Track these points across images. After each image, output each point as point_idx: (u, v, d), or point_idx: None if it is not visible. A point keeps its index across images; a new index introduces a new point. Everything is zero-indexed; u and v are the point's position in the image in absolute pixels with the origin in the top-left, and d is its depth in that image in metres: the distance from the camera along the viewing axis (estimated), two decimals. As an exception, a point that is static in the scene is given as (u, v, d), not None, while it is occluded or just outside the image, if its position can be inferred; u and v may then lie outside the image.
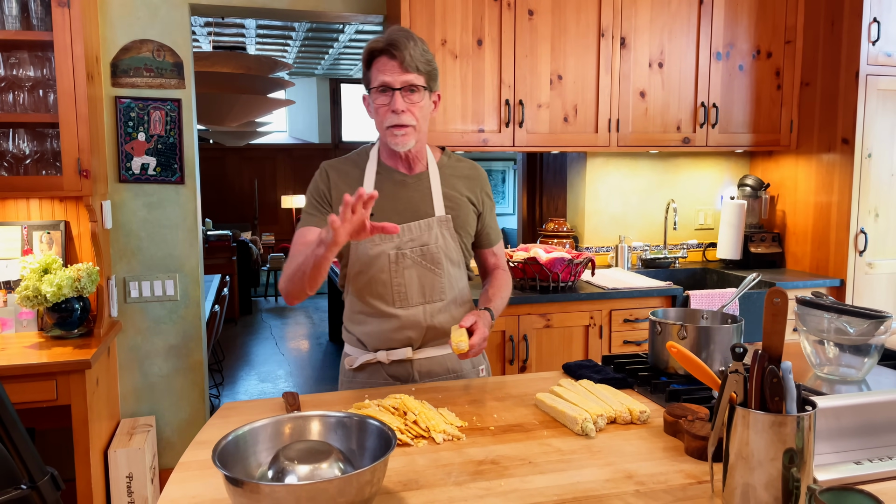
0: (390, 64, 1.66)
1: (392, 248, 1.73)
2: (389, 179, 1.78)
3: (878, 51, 3.25)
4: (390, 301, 1.75)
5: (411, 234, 1.74)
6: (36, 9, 2.68)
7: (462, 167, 1.87)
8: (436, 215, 1.77)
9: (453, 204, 1.80)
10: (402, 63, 1.65)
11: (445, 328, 1.78)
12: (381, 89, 1.67)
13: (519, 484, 1.19)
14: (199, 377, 3.35)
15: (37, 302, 2.60)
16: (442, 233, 1.76)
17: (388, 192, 1.75)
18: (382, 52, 1.67)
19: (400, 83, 1.65)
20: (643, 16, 3.36)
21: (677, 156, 3.87)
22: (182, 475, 1.24)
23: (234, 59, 6.16)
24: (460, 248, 1.82)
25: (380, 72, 1.67)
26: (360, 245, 1.73)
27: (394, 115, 1.67)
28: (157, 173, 3.17)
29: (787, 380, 1.04)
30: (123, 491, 2.83)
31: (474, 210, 1.85)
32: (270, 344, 6.68)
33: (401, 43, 1.65)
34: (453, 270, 1.80)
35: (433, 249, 1.75)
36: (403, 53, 1.64)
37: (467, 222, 1.82)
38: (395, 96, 1.66)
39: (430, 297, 1.76)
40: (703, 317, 1.81)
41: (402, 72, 1.65)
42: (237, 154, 11.63)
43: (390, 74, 1.66)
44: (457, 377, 1.84)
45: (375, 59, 1.68)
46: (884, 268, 3.43)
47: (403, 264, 1.73)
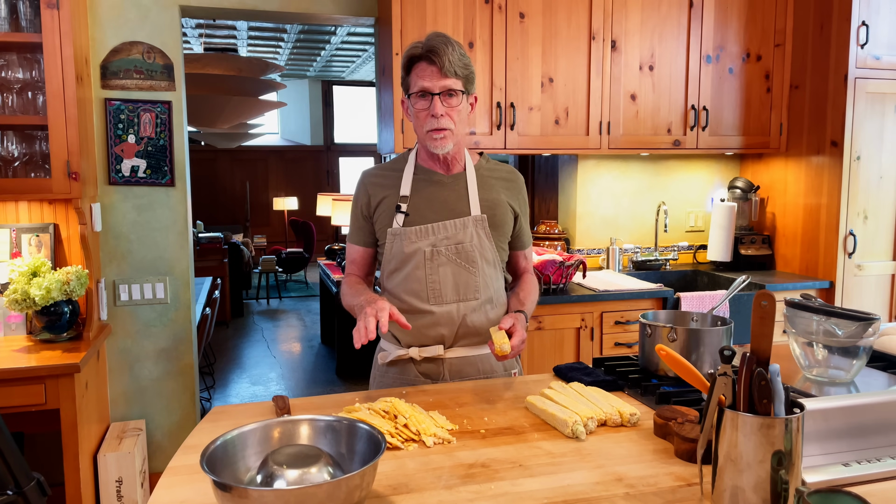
0: (430, 69, 1.70)
1: (427, 245, 1.77)
2: (427, 180, 1.83)
3: (867, 54, 3.27)
4: (425, 298, 1.78)
5: (446, 231, 1.78)
6: (25, 10, 2.66)
7: (500, 170, 1.91)
8: (471, 214, 1.80)
9: (490, 204, 1.83)
10: (441, 69, 1.69)
11: (478, 327, 1.81)
12: (421, 94, 1.72)
13: (509, 487, 1.19)
14: (190, 380, 3.33)
15: (25, 305, 2.58)
16: (477, 232, 1.80)
17: (424, 192, 1.81)
18: (422, 57, 1.71)
19: (439, 88, 1.70)
20: (633, 19, 3.37)
21: (668, 158, 3.89)
22: (171, 480, 1.23)
23: (226, 60, 6.15)
24: (496, 248, 1.84)
25: (419, 77, 1.71)
26: (396, 242, 1.79)
27: (433, 120, 1.71)
28: (147, 175, 3.16)
29: (776, 382, 1.04)
30: (113, 495, 2.81)
31: (511, 212, 1.88)
32: (262, 347, 6.66)
33: (440, 49, 1.68)
34: (489, 270, 1.82)
35: (468, 248, 1.78)
36: (443, 59, 1.68)
37: (504, 223, 1.86)
38: (435, 101, 1.70)
39: (465, 296, 1.79)
40: (693, 319, 1.82)
41: (441, 77, 1.70)
42: (229, 156, 11.61)
43: (430, 80, 1.70)
44: (486, 377, 1.85)
45: (415, 65, 1.73)
46: (872, 269, 3.45)
47: (438, 261, 1.77)
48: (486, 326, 1.82)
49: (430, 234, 1.77)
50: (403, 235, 1.78)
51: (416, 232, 1.77)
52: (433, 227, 1.77)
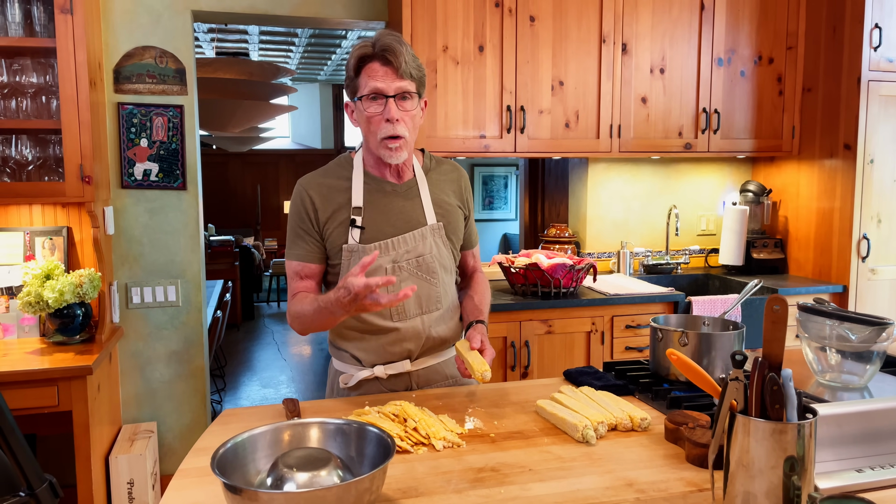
0: (383, 70, 1.59)
1: (388, 261, 1.67)
2: (379, 190, 1.71)
3: (880, 57, 3.25)
4: (388, 315, 1.69)
5: (406, 245, 1.69)
6: (39, 15, 2.69)
7: (445, 169, 1.83)
8: (428, 224, 1.72)
9: (443, 210, 1.76)
10: (397, 70, 1.58)
11: (444, 337, 1.76)
12: (373, 97, 1.60)
13: (519, 491, 1.19)
14: (201, 383, 3.35)
15: (39, 308, 2.61)
16: (435, 241, 1.73)
17: (378, 203, 1.70)
18: (374, 57, 1.59)
19: (394, 90, 1.59)
20: (644, 22, 3.36)
21: (679, 161, 3.87)
22: (181, 482, 1.24)
23: (237, 64, 6.18)
24: (451, 254, 1.78)
25: (371, 78, 1.59)
26: (354, 259, 1.66)
27: (388, 125, 1.60)
28: (159, 179, 3.18)
29: (788, 387, 1.03)
30: (125, 497, 2.83)
31: (462, 214, 1.83)
32: (273, 349, 6.68)
33: (395, 48, 1.58)
34: (446, 278, 1.77)
35: (428, 259, 1.70)
36: (399, 59, 1.58)
37: (458, 227, 1.80)
38: (390, 104, 1.59)
39: (428, 308, 1.72)
40: (705, 323, 1.81)
41: (395, 78, 1.59)
42: (240, 159, 11.66)
43: (383, 81, 1.59)
44: (455, 383, 1.82)
45: (366, 65, 1.61)
46: (886, 274, 3.42)
47: (400, 276, 1.67)
48: (449, 335, 1.78)
49: (391, 249, 1.67)
50: (362, 252, 1.65)
51: (375, 248, 1.66)
52: (393, 242, 1.67)
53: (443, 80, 3.13)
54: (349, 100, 1.69)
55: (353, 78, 1.64)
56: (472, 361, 1.54)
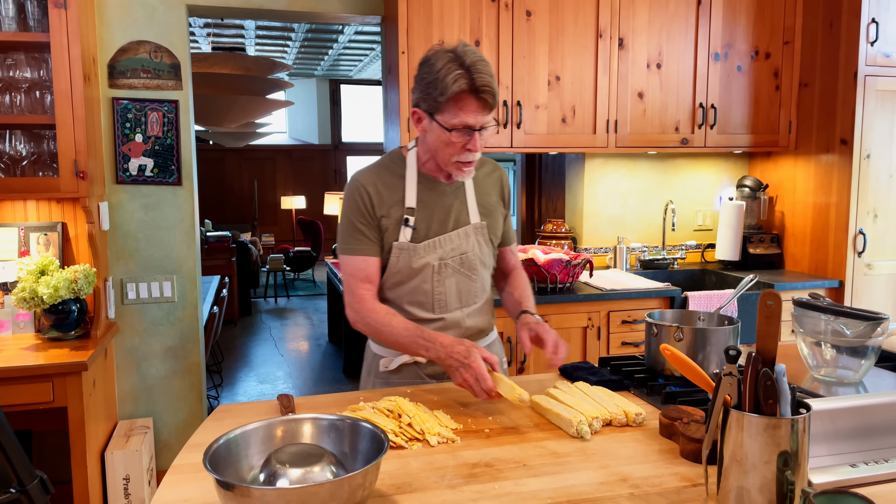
0: (476, 106, 1.60)
1: (436, 258, 1.75)
2: (431, 190, 1.77)
3: (877, 51, 3.25)
4: (430, 308, 1.78)
5: (452, 243, 1.77)
6: (32, 10, 2.67)
7: (487, 169, 1.89)
8: (471, 223, 1.79)
9: (486, 210, 1.83)
10: (491, 106, 1.62)
11: (479, 328, 1.85)
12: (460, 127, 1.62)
13: (513, 487, 1.18)
14: (197, 379, 3.34)
15: (33, 304, 2.60)
16: (478, 240, 1.80)
17: (429, 202, 1.76)
18: (471, 92, 1.58)
19: (481, 125, 1.63)
20: (641, 16, 3.35)
21: (676, 157, 3.87)
22: (175, 478, 1.24)
23: (233, 60, 6.16)
24: (491, 252, 1.86)
25: (464, 112, 1.60)
26: (403, 257, 1.73)
27: (468, 154, 1.65)
28: (154, 175, 3.17)
29: (781, 382, 1.03)
30: (120, 493, 2.83)
31: (502, 213, 1.89)
32: (270, 345, 6.67)
33: (492, 86, 1.59)
34: (485, 274, 1.85)
35: (471, 257, 1.79)
36: (495, 99, 1.61)
37: (498, 226, 1.88)
38: (475, 137, 1.63)
39: (466, 302, 1.81)
40: (700, 318, 1.81)
41: (485, 114, 1.62)
42: (237, 155, 11.64)
43: (475, 117, 1.61)
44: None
45: (461, 97, 1.58)
46: (883, 269, 3.42)
47: (445, 273, 1.76)
48: (484, 325, 1.87)
49: (438, 247, 1.75)
50: (412, 251, 1.73)
51: (424, 247, 1.73)
52: (440, 241, 1.75)
53: (439, 74, 3.11)
54: (424, 113, 1.66)
55: (439, 100, 1.60)
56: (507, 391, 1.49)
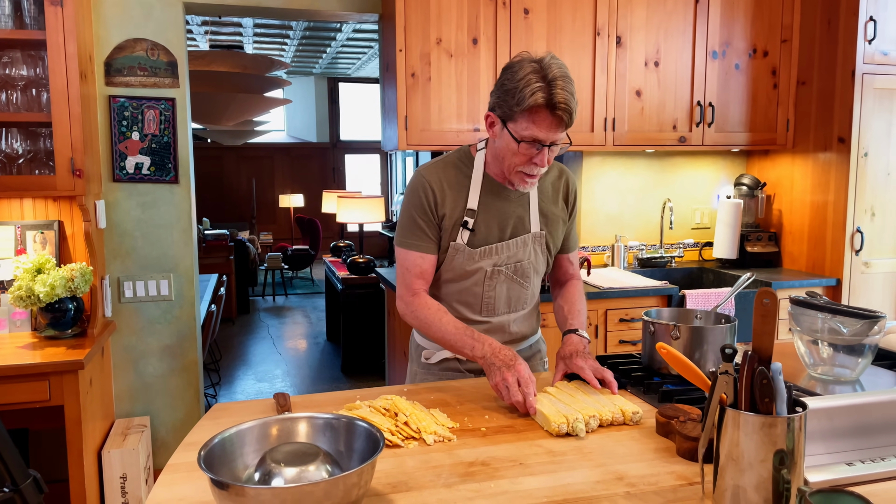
0: (550, 122, 1.55)
1: (489, 264, 1.75)
2: (494, 194, 1.75)
3: (875, 49, 3.25)
4: (477, 310, 1.79)
5: (508, 251, 1.76)
6: (29, 7, 2.66)
7: (552, 176, 1.85)
8: (531, 231, 1.78)
9: (547, 219, 1.81)
10: (567, 125, 1.57)
11: (523, 333, 1.86)
12: (530, 140, 1.58)
13: (509, 486, 1.18)
14: (194, 377, 3.34)
15: (30, 302, 2.59)
16: (535, 248, 1.79)
17: (491, 206, 1.75)
18: (548, 107, 1.53)
19: (551, 141, 1.59)
20: (639, 14, 3.35)
21: (673, 155, 3.87)
22: (170, 477, 1.23)
23: (231, 57, 6.15)
24: (546, 260, 1.85)
25: (535, 125, 1.55)
26: (458, 258, 1.73)
27: (534, 167, 1.62)
28: (151, 173, 3.16)
29: (777, 381, 1.03)
30: (117, 491, 2.82)
31: (564, 221, 1.86)
32: (268, 343, 6.67)
33: (571, 106, 1.53)
34: (536, 280, 1.85)
35: (525, 265, 1.79)
36: (571, 119, 1.55)
37: (558, 236, 1.85)
38: (544, 152, 1.59)
39: (515, 308, 1.82)
40: (697, 317, 1.81)
41: (558, 131, 1.57)
42: (235, 153, 11.63)
43: (546, 132, 1.56)
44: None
45: (536, 111, 1.54)
46: (880, 267, 3.42)
47: (497, 279, 1.77)
48: (528, 331, 1.88)
49: (494, 254, 1.74)
50: (467, 254, 1.73)
51: (480, 253, 1.73)
52: (497, 248, 1.74)
53: (436, 73, 3.11)
54: (497, 118, 1.63)
55: (514, 109, 1.56)
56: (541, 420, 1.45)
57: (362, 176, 12.32)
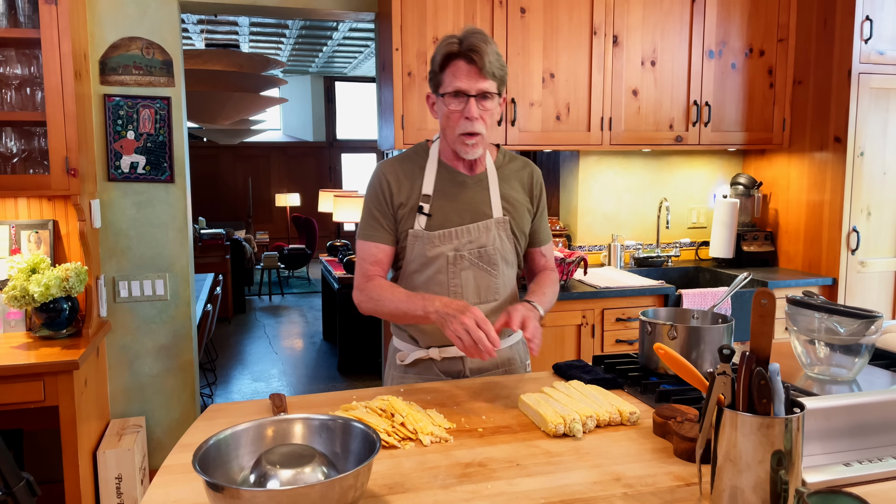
0: (467, 69, 1.62)
1: (451, 249, 1.73)
2: (450, 180, 1.77)
3: (871, 49, 3.25)
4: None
5: (469, 235, 1.75)
6: (23, 6, 2.65)
7: (516, 165, 1.86)
8: (493, 217, 1.77)
9: (510, 205, 1.80)
10: (481, 69, 1.61)
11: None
12: (455, 94, 1.64)
13: (506, 487, 1.18)
14: (190, 377, 3.33)
15: (24, 302, 2.58)
16: (499, 234, 1.78)
17: (448, 193, 1.76)
18: (459, 55, 1.62)
19: (476, 90, 1.63)
20: (635, 14, 3.34)
21: (670, 154, 3.87)
22: (165, 478, 1.22)
23: (227, 56, 6.14)
24: (515, 248, 1.83)
25: (455, 77, 1.63)
26: (418, 245, 1.74)
27: (467, 122, 1.65)
28: (146, 172, 3.15)
29: (775, 381, 1.03)
30: (113, 492, 2.81)
31: (529, 210, 1.85)
32: (264, 343, 6.66)
33: (480, 48, 1.60)
34: (507, 271, 1.82)
35: (490, 251, 1.76)
36: (484, 59, 1.60)
37: (522, 223, 1.83)
38: (471, 103, 1.63)
39: (486, 298, 1.78)
40: (694, 316, 1.80)
41: (479, 78, 1.62)
42: (231, 152, 11.60)
43: (467, 81, 1.62)
44: (506, 372, 1.86)
45: (451, 62, 1.64)
46: (876, 266, 3.43)
47: (461, 265, 1.74)
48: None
49: (454, 238, 1.73)
50: (426, 239, 1.73)
51: (439, 236, 1.73)
52: (456, 232, 1.74)
53: (433, 72, 3.10)
54: (431, 92, 1.73)
55: (437, 73, 1.68)
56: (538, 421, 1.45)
57: (359, 175, 12.30)
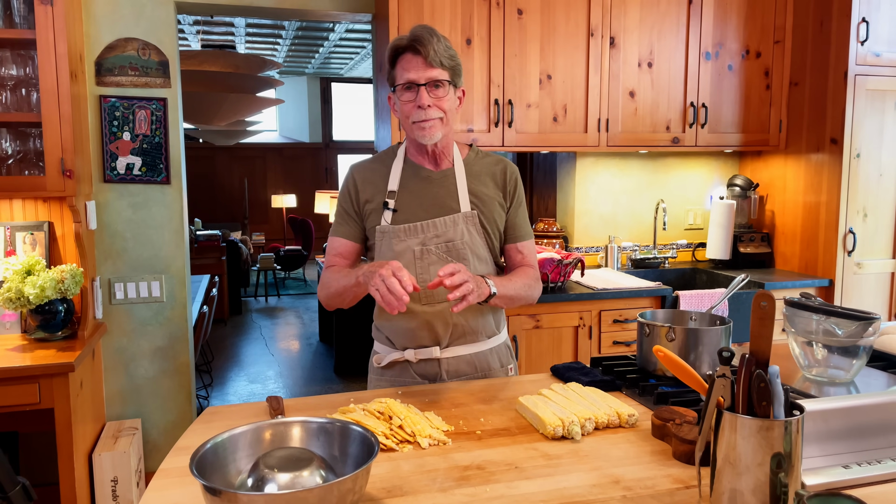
0: (415, 60, 1.67)
1: (417, 243, 1.74)
2: (415, 175, 1.79)
3: (867, 51, 3.26)
4: (417, 298, 1.73)
5: (436, 229, 1.74)
6: (18, 6, 2.64)
7: (488, 162, 1.85)
8: (461, 211, 1.76)
9: (479, 200, 1.79)
10: (426, 59, 1.66)
11: (473, 326, 1.79)
12: (407, 86, 1.69)
13: (505, 490, 1.17)
14: (186, 379, 3.32)
15: (20, 304, 2.57)
16: (468, 228, 1.76)
17: (413, 188, 1.77)
18: (407, 48, 1.68)
19: (425, 79, 1.67)
20: (632, 15, 3.35)
21: (667, 156, 3.87)
22: (162, 482, 1.22)
23: (223, 57, 6.13)
24: (486, 244, 1.81)
25: (404, 69, 1.69)
26: (385, 241, 1.75)
27: (420, 111, 1.68)
28: (142, 173, 3.14)
29: (775, 384, 1.03)
30: (108, 495, 2.80)
31: (502, 205, 1.83)
32: (260, 344, 6.64)
33: (424, 38, 1.66)
34: (481, 267, 1.79)
35: (458, 245, 1.75)
36: (428, 49, 1.65)
37: (493, 218, 1.81)
38: (421, 91, 1.67)
39: None
40: (692, 318, 1.80)
41: (426, 67, 1.67)
42: (227, 153, 11.58)
43: (415, 71, 1.67)
44: (484, 375, 1.84)
45: (400, 57, 1.70)
46: (872, 268, 3.43)
47: (429, 260, 1.74)
48: (479, 326, 1.80)
49: (420, 232, 1.74)
50: (392, 234, 1.74)
51: (404, 230, 1.73)
52: (422, 226, 1.74)
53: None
54: (391, 92, 1.76)
55: (390, 70, 1.74)
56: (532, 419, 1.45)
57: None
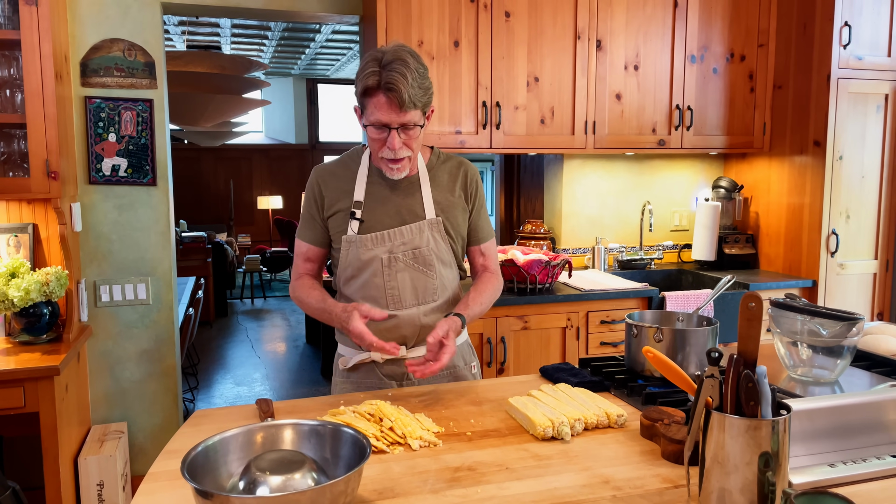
0: (387, 104, 1.59)
1: (384, 251, 1.74)
2: (381, 184, 1.77)
3: (850, 54, 3.30)
4: (384, 304, 1.75)
5: (402, 237, 1.75)
6: (3, 7, 2.61)
7: (450, 166, 1.86)
8: (426, 218, 1.77)
9: (443, 206, 1.79)
10: (400, 105, 1.58)
11: None
12: (377, 126, 1.63)
13: (496, 490, 1.18)
14: (173, 382, 3.29)
15: (4, 307, 2.54)
16: (433, 235, 1.77)
17: (379, 197, 1.77)
18: (378, 89, 1.58)
19: (397, 123, 1.61)
20: (619, 18, 3.37)
21: (653, 158, 3.90)
22: (151, 486, 1.21)
23: (209, 58, 6.09)
24: (451, 249, 1.82)
25: (376, 109, 1.60)
26: (352, 249, 1.75)
27: (389, 151, 1.65)
28: (128, 175, 3.11)
29: (762, 384, 1.04)
30: (94, 499, 2.77)
31: (464, 209, 1.84)
32: (246, 347, 6.61)
33: (398, 82, 1.55)
34: (446, 272, 1.81)
35: (425, 252, 1.76)
36: (402, 95, 1.56)
37: (457, 223, 1.82)
38: (392, 135, 1.62)
39: (424, 299, 1.77)
40: (679, 319, 1.82)
41: (399, 112, 1.59)
42: (212, 154, 11.51)
43: (387, 115, 1.60)
44: (451, 375, 1.86)
45: (371, 97, 1.61)
46: (855, 268, 3.48)
47: (396, 267, 1.74)
48: None
49: (387, 240, 1.74)
50: (359, 243, 1.74)
51: (371, 239, 1.73)
52: (389, 234, 1.74)
53: (418, 75, 3.10)
54: (358, 108, 1.70)
55: (359, 97, 1.65)
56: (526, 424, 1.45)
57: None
